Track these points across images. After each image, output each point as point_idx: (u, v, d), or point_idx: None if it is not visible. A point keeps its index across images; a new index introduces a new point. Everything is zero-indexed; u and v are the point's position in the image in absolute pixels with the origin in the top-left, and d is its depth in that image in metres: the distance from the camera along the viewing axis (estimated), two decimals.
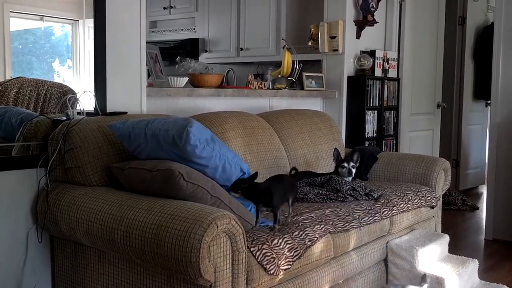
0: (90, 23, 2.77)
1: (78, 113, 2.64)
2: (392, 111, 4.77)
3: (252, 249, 2.08)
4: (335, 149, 3.27)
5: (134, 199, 2.11)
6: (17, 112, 2.62)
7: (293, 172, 2.66)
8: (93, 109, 2.74)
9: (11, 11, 2.60)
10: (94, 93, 2.73)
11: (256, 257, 2.08)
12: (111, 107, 2.78)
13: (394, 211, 2.93)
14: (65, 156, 2.40)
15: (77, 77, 2.86)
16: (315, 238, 2.35)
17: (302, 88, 4.31)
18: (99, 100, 2.74)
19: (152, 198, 2.11)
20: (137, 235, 1.95)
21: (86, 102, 2.71)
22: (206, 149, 2.19)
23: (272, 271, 2.10)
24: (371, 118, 4.51)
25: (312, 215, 2.56)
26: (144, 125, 2.29)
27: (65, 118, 2.57)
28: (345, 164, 3.15)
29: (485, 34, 6.29)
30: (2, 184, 2.42)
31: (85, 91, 2.68)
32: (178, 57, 3.60)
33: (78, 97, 2.66)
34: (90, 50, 2.79)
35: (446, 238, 3.18)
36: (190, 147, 2.14)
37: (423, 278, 2.84)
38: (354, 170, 3.15)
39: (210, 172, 2.25)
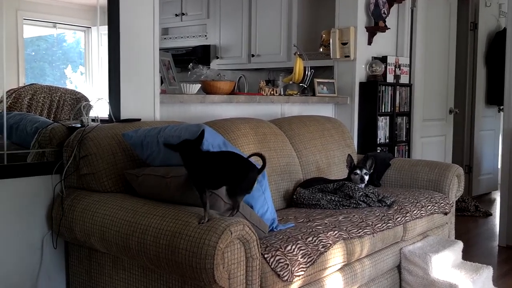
0: (103, 30, 2.79)
1: (93, 120, 2.67)
2: (404, 117, 4.76)
3: (265, 255, 2.09)
4: (349, 155, 3.26)
5: (148, 206, 2.12)
6: (32, 120, 2.65)
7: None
8: (107, 116, 2.76)
9: (24, 18, 2.63)
10: (108, 100, 2.76)
11: (270, 264, 2.08)
12: (125, 114, 2.81)
13: (407, 218, 2.92)
14: (80, 162, 2.42)
15: (89, 84, 2.88)
16: (329, 244, 2.34)
17: (314, 94, 4.31)
18: (113, 107, 2.76)
19: (166, 204, 2.12)
20: (151, 242, 1.96)
21: (100, 108, 2.73)
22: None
23: (286, 278, 2.10)
24: (383, 124, 4.50)
25: (326, 221, 2.56)
26: (156, 133, 2.31)
27: (79, 125, 2.59)
28: (358, 171, 3.14)
29: (498, 40, 6.26)
30: (18, 190, 2.45)
31: (99, 98, 2.70)
32: (191, 64, 3.62)
33: (92, 104, 2.68)
34: (103, 57, 2.81)
35: (459, 245, 3.16)
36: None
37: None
38: (366, 177, 3.14)
39: None
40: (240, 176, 1.99)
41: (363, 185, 3.12)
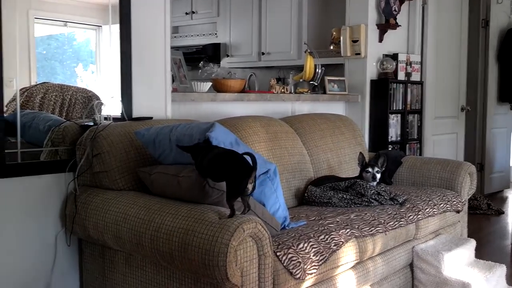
0: (114, 29, 2.80)
1: (105, 118, 2.68)
2: (416, 115, 4.74)
3: (278, 253, 2.09)
4: (360, 153, 3.26)
5: (161, 203, 2.13)
6: (45, 119, 2.66)
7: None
8: (119, 114, 2.77)
9: (35, 17, 2.64)
10: (120, 99, 2.77)
11: (282, 262, 2.08)
12: (136, 112, 2.82)
13: (419, 216, 2.91)
14: (93, 160, 2.43)
15: (100, 82, 2.89)
16: (341, 242, 2.34)
17: (324, 92, 4.30)
18: (125, 106, 2.77)
19: (179, 202, 2.12)
20: (164, 239, 1.97)
21: (112, 107, 2.75)
22: None
23: (298, 276, 2.10)
24: (394, 122, 4.48)
25: (337, 220, 2.55)
26: (168, 131, 2.32)
27: (92, 124, 2.60)
28: (369, 169, 3.13)
29: (509, 37, 6.22)
30: (32, 188, 2.47)
31: (112, 97, 2.71)
32: (202, 62, 3.63)
33: (105, 103, 2.69)
34: (114, 55, 2.82)
35: (472, 243, 3.14)
36: None
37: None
38: (378, 175, 3.13)
39: None
40: (235, 181, 1.97)
41: (374, 183, 3.11)
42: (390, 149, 4.40)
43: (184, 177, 2.12)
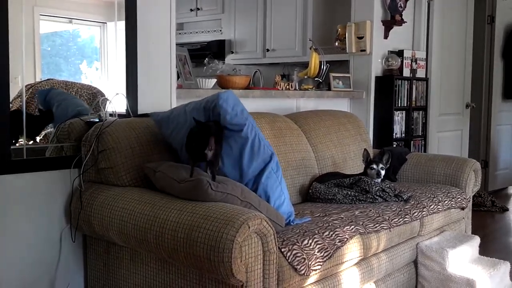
0: (119, 25, 2.80)
1: (110, 115, 2.69)
2: (421, 112, 4.74)
3: (282, 249, 2.09)
4: (365, 149, 3.26)
5: (166, 200, 2.14)
6: (77, 103, 2.73)
7: None
8: (124, 110, 2.78)
9: (40, 14, 2.65)
10: (125, 95, 2.77)
11: (287, 258, 2.09)
12: (142, 108, 2.82)
13: (424, 213, 2.91)
14: (98, 157, 2.44)
15: (105, 79, 2.90)
16: (345, 239, 2.35)
17: (329, 89, 4.30)
18: (131, 102, 2.78)
19: (183, 198, 2.13)
20: (169, 235, 1.98)
21: (117, 103, 2.75)
22: (238, 117, 2.29)
23: (303, 272, 2.11)
24: (399, 119, 4.48)
25: (342, 216, 2.56)
26: (184, 106, 2.43)
27: (97, 120, 2.61)
28: (374, 166, 3.13)
29: None
30: (37, 184, 2.48)
31: (117, 93, 2.72)
32: (207, 58, 3.64)
33: (110, 99, 2.70)
34: (119, 52, 2.83)
35: (476, 240, 3.14)
36: (223, 110, 2.24)
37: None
38: (383, 172, 3.13)
39: (240, 142, 2.32)
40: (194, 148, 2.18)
41: (379, 180, 3.11)
42: (394, 145, 4.40)
43: (187, 182, 2.13)
